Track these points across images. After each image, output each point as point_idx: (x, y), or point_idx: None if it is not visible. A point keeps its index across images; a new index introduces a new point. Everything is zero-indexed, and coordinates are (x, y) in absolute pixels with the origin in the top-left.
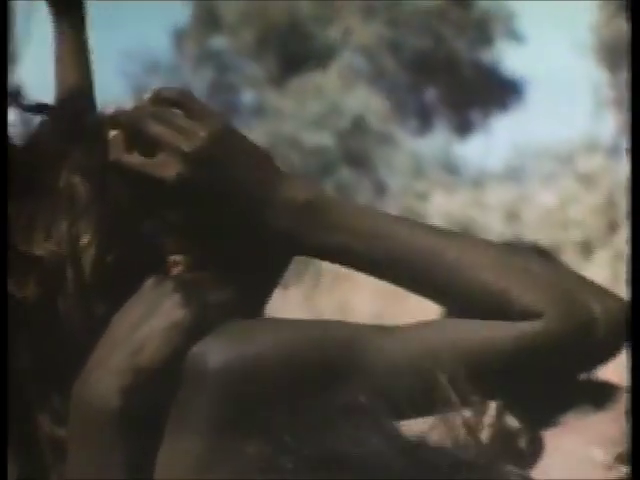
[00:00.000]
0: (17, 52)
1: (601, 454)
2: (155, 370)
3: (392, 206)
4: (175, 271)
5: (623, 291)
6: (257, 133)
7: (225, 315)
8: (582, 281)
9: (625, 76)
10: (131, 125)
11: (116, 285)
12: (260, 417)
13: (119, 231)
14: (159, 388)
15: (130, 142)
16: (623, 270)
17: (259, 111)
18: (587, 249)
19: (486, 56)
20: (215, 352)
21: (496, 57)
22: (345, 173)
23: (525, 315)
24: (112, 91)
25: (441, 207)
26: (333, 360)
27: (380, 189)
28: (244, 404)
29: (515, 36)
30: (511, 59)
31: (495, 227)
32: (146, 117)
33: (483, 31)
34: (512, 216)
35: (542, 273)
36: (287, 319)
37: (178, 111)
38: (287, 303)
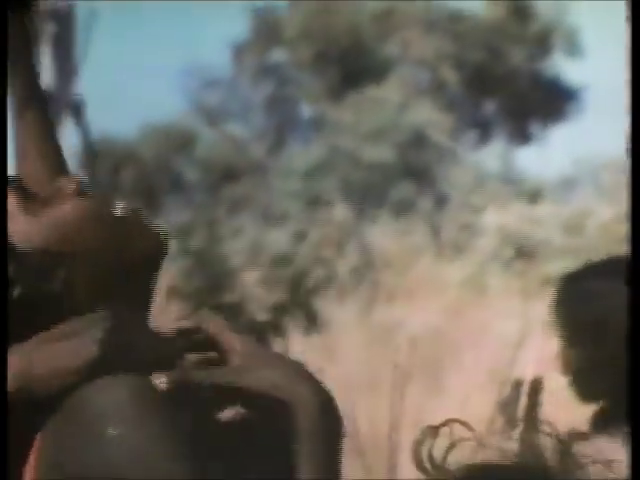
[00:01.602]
0: (78, 65)
1: None
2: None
3: (451, 220)
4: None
5: None
6: (316, 146)
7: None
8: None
9: None
10: None
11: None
12: None
13: None
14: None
15: None
16: None
17: (318, 125)
18: None
19: (545, 68)
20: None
21: (556, 69)
22: (405, 187)
23: None
24: (171, 108)
25: (496, 221)
26: None
27: (440, 202)
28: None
29: (575, 49)
30: (570, 71)
31: (554, 241)
32: None
33: (543, 44)
34: (571, 229)
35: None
36: None
37: None
38: (344, 314)
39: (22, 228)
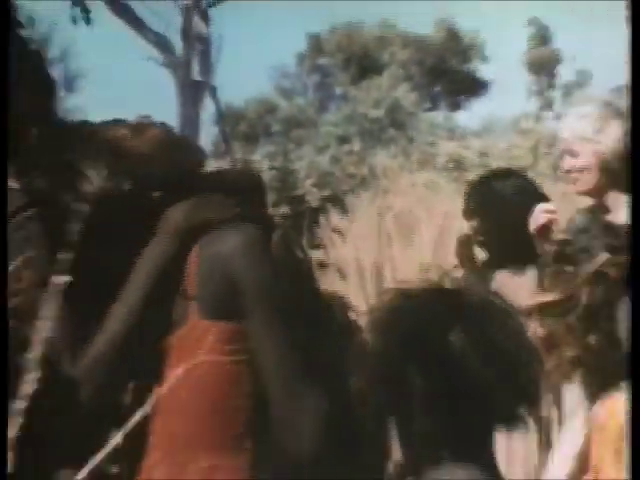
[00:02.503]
0: (215, 55)
1: None
2: None
3: (417, 150)
4: None
5: None
6: (343, 110)
7: None
8: None
9: None
10: None
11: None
12: None
13: None
14: None
15: None
16: None
17: (344, 98)
18: None
19: (468, 67)
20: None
21: (473, 68)
22: (391, 132)
23: None
24: (264, 89)
25: (443, 150)
26: None
27: (410, 140)
28: None
29: (484, 57)
30: (481, 69)
31: (474, 160)
32: None
33: (466, 54)
34: (485, 153)
35: None
36: None
37: None
38: (360, 203)
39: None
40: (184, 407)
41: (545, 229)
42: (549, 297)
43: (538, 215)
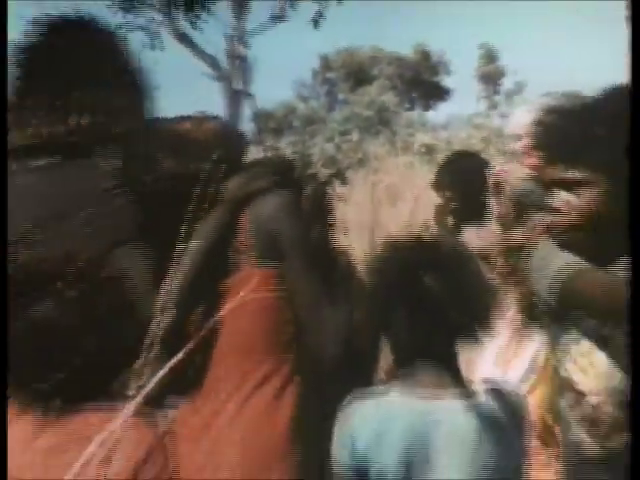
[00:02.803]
0: (251, 71)
1: None
2: None
3: (400, 139)
4: None
5: None
6: (344, 110)
7: None
8: None
9: None
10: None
11: None
12: None
13: None
14: None
15: None
16: None
17: (345, 101)
18: None
19: (436, 79)
20: None
21: (439, 79)
22: (379, 127)
23: None
24: (284, 95)
25: (418, 139)
26: None
27: (394, 133)
28: None
29: (448, 71)
30: (446, 80)
31: (442, 146)
32: None
33: (435, 69)
34: (449, 140)
35: None
36: None
37: None
38: (358, 178)
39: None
40: (244, 330)
41: (499, 186)
42: (505, 242)
43: (494, 175)
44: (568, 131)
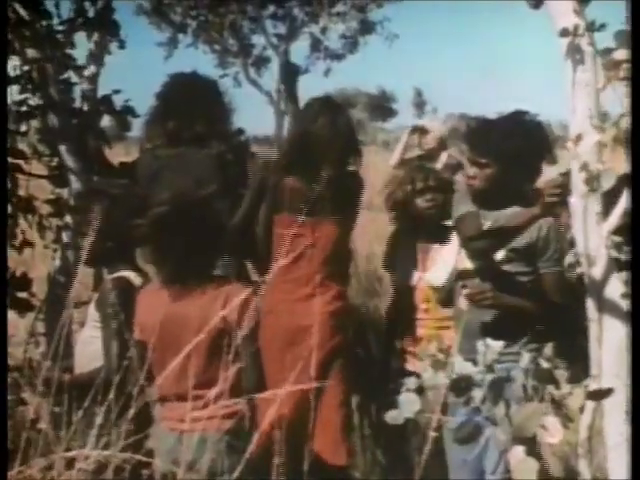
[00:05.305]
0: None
1: None
2: None
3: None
4: None
5: None
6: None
7: None
8: None
9: None
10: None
11: None
12: None
13: None
14: None
15: None
16: None
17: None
18: None
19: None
20: None
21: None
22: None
23: None
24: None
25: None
26: None
27: (374, 130)
28: None
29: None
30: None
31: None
32: None
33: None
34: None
35: None
36: None
37: None
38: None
39: None
40: (301, 263)
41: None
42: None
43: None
44: (479, 133)
